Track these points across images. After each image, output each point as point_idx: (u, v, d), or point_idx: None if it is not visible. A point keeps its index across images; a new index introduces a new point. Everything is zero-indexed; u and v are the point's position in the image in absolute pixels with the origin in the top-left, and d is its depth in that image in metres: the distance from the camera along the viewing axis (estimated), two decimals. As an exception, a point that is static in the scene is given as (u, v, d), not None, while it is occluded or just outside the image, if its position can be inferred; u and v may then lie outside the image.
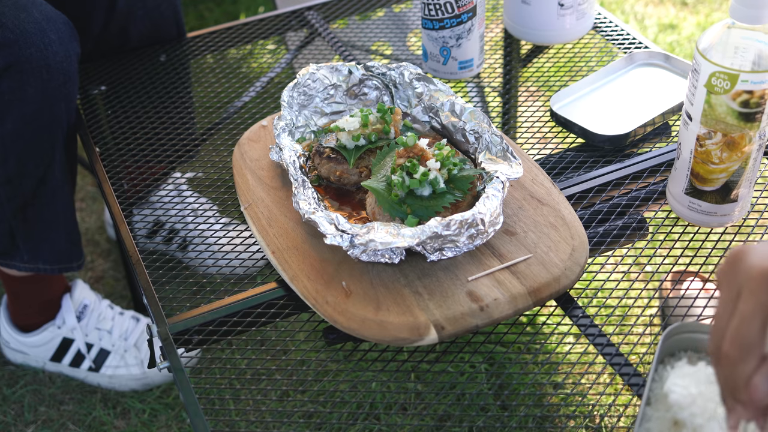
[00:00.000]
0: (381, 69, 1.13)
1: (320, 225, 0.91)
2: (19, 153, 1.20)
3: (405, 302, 0.87)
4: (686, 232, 1.02)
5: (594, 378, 1.20)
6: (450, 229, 0.88)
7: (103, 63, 1.42)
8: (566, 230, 0.95)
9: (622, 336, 0.94)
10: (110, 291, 1.67)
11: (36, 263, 1.32)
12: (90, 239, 1.79)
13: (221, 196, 1.14)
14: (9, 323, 1.49)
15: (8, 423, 1.43)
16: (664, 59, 1.26)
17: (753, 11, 0.85)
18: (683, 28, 2.35)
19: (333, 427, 1.30)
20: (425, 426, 1.08)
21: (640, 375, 0.85)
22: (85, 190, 1.93)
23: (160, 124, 1.28)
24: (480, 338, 0.96)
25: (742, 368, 0.62)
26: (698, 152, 0.94)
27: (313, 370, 1.13)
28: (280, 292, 0.96)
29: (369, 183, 0.96)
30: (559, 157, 1.15)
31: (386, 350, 0.90)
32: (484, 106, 1.39)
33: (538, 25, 1.33)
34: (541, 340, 1.37)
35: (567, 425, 1.01)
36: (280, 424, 1.29)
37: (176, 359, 0.89)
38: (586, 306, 0.94)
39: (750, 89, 0.86)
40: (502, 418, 0.88)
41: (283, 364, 0.92)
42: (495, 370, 1.34)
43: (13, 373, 1.52)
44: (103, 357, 1.47)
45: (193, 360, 1.31)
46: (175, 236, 1.48)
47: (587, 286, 0.99)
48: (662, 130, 1.17)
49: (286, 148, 1.02)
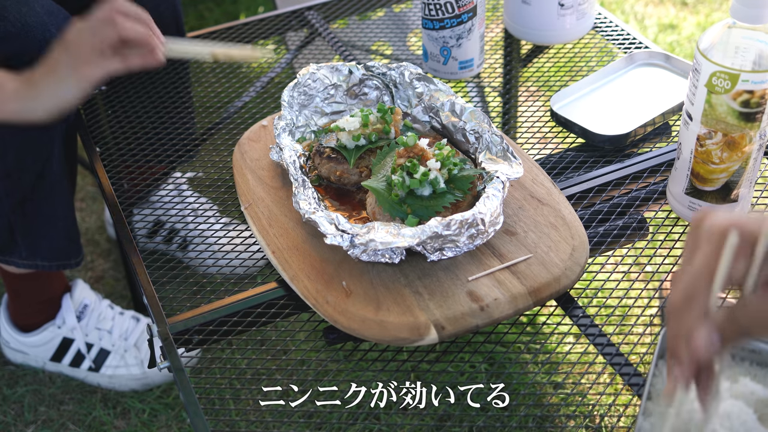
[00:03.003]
0: (381, 69, 1.13)
1: (320, 225, 0.91)
2: (18, 147, 1.20)
3: (405, 302, 0.87)
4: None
5: (594, 378, 1.20)
6: (450, 229, 0.88)
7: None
8: (566, 230, 0.95)
9: (622, 336, 0.94)
10: (110, 291, 1.67)
11: (34, 259, 1.32)
12: (90, 239, 1.79)
13: (221, 196, 1.14)
14: (9, 323, 1.49)
15: (8, 423, 1.43)
16: (664, 59, 1.26)
17: (754, 11, 0.85)
18: (683, 28, 2.35)
19: (333, 427, 1.30)
20: (425, 426, 1.08)
21: (641, 375, 0.85)
22: (85, 190, 1.93)
23: (160, 124, 1.28)
24: (480, 338, 0.96)
25: (685, 320, 0.64)
26: (698, 152, 0.94)
27: (313, 370, 1.13)
28: (280, 292, 0.96)
29: (369, 183, 0.96)
30: (559, 157, 1.15)
31: (386, 350, 0.90)
32: (485, 106, 1.39)
33: (539, 25, 1.33)
34: (541, 340, 1.37)
35: (567, 425, 1.01)
36: (280, 424, 1.29)
37: (176, 359, 0.89)
38: (587, 306, 0.94)
39: (750, 89, 0.86)
40: (502, 418, 0.88)
41: (283, 364, 0.92)
42: (495, 370, 1.34)
43: (13, 373, 1.51)
44: (103, 357, 1.47)
45: (193, 360, 1.31)
46: (175, 236, 1.48)
47: (587, 286, 0.99)
48: (662, 130, 1.17)
49: (286, 148, 1.02)
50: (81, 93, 1.05)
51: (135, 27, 1.04)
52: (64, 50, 1.04)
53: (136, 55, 1.05)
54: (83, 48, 1.03)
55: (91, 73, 1.03)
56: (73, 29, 1.04)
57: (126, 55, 1.05)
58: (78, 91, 1.05)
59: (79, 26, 1.04)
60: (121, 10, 1.04)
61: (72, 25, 1.05)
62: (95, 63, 1.03)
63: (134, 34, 1.03)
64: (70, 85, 1.04)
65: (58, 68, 1.04)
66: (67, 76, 1.03)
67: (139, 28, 1.04)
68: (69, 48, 1.04)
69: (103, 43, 1.02)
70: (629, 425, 0.86)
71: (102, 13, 1.04)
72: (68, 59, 1.03)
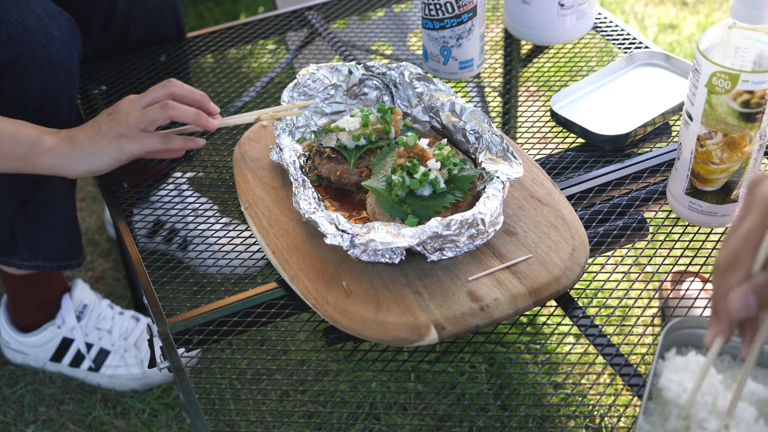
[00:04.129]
0: (381, 69, 1.13)
1: (320, 225, 0.91)
2: None
3: (405, 302, 0.87)
4: (686, 232, 1.02)
5: (594, 378, 1.20)
6: (450, 229, 0.88)
7: (103, 63, 1.42)
8: (566, 230, 0.95)
9: (623, 336, 0.94)
10: (110, 291, 1.67)
11: (36, 261, 1.32)
12: (90, 239, 1.79)
13: (221, 196, 1.14)
14: (9, 323, 1.49)
15: (8, 423, 1.43)
16: (664, 59, 1.26)
17: (754, 11, 0.85)
18: (683, 28, 2.35)
19: (333, 427, 1.30)
20: (425, 426, 1.08)
21: (641, 375, 0.85)
22: (85, 190, 1.93)
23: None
24: (480, 338, 0.96)
25: (727, 280, 0.67)
26: (699, 152, 0.94)
27: (313, 370, 1.13)
28: (281, 292, 0.96)
29: (369, 183, 0.96)
30: (559, 157, 1.15)
31: (386, 350, 0.90)
32: (485, 106, 1.39)
33: (539, 25, 1.33)
34: (542, 341, 1.37)
35: (567, 425, 1.01)
36: (280, 424, 1.29)
37: (176, 359, 0.89)
38: (587, 306, 0.94)
39: (751, 89, 0.86)
40: (502, 418, 0.88)
41: (283, 364, 0.92)
42: (495, 370, 1.34)
43: (13, 373, 1.51)
44: (102, 357, 1.47)
45: (193, 360, 1.31)
46: (175, 236, 1.48)
47: (587, 287, 0.99)
48: (662, 130, 1.17)
49: (286, 148, 1.02)
50: (117, 163, 1.08)
51: (186, 112, 1.06)
52: (111, 120, 1.06)
53: (180, 139, 1.08)
54: (129, 123, 1.05)
55: (130, 147, 1.06)
56: (126, 101, 1.07)
57: (169, 137, 1.07)
58: (114, 161, 1.07)
59: (132, 100, 1.06)
60: (177, 94, 1.07)
61: (127, 98, 1.07)
62: (136, 139, 1.05)
63: (184, 118, 1.06)
64: (107, 154, 1.06)
65: (99, 135, 1.06)
66: (106, 145, 1.06)
67: (191, 112, 1.06)
68: (115, 119, 1.06)
69: (151, 125, 1.05)
70: (629, 425, 0.87)
71: (157, 94, 1.06)
72: (112, 130, 1.05)
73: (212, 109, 1.10)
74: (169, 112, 1.05)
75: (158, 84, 1.08)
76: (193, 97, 1.08)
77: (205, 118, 1.07)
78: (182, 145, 1.08)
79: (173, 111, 1.05)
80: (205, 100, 1.09)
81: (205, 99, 1.10)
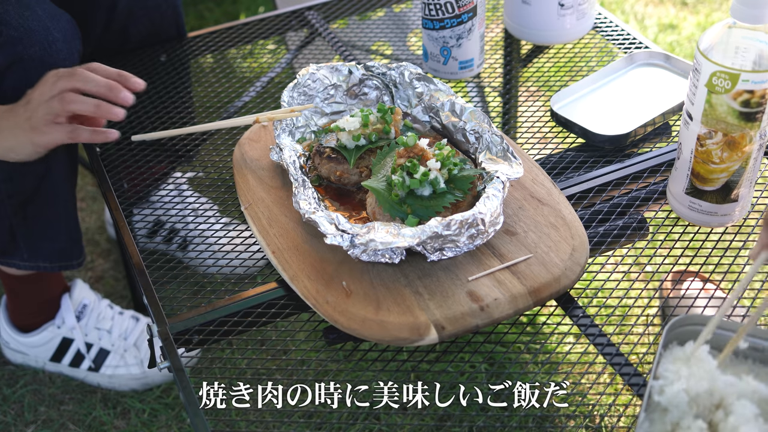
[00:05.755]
0: (381, 69, 1.13)
1: (320, 225, 0.91)
2: None
3: (405, 302, 0.87)
4: (686, 232, 1.02)
5: (594, 378, 1.20)
6: (450, 229, 0.88)
7: (103, 63, 1.41)
8: (566, 230, 0.95)
9: (623, 336, 0.94)
10: (110, 291, 1.67)
11: (36, 261, 1.32)
12: (90, 239, 1.79)
13: (221, 196, 1.14)
14: (8, 323, 1.49)
15: (8, 423, 1.43)
16: (664, 59, 1.26)
17: (754, 11, 0.85)
18: (683, 28, 2.35)
19: (333, 427, 1.30)
20: (425, 426, 1.08)
21: (641, 375, 0.85)
22: (85, 190, 1.93)
23: (160, 124, 1.28)
24: (480, 338, 0.96)
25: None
26: (699, 152, 0.94)
27: (313, 370, 1.13)
28: (280, 292, 0.96)
29: (369, 183, 0.96)
30: (559, 157, 1.15)
31: (386, 350, 0.90)
32: (485, 106, 1.39)
33: (539, 25, 1.33)
34: (542, 340, 1.37)
35: (567, 425, 1.01)
36: (280, 424, 1.29)
37: (176, 359, 0.89)
38: (587, 306, 0.94)
39: (751, 89, 0.86)
40: (503, 418, 0.88)
41: (283, 364, 0.92)
42: (495, 370, 1.34)
43: (13, 373, 1.51)
44: (102, 357, 1.47)
45: (193, 360, 1.31)
46: (175, 236, 1.48)
47: (587, 286, 0.99)
48: (662, 130, 1.17)
49: (286, 148, 1.02)
50: (36, 155, 1.09)
51: (86, 105, 1.05)
52: (26, 111, 1.07)
53: (87, 132, 1.07)
54: (38, 116, 1.06)
55: (39, 139, 1.07)
56: (43, 84, 1.07)
57: (77, 131, 1.07)
58: (33, 154, 1.09)
59: (48, 82, 1.06)
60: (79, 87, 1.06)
61: (46, 78, 1.07)
62: (45, 133, 1.06)
63: (84, 111, 1.06)
64: (25, 147, 1.08)
65: (16, 127, 1.07)
66: (22, 137, 1.07)
67: (90, 104, 1.05)
68: (28, 110, 1.07)
69: (56, 119, 1.05)
70: (629, 425, 0.87)
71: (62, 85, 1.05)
72: (27, 122, 1.06)
73: (133, 85, 1.08)
74: (67, 107, 1.05)
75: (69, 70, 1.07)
76: (106, 83, 1.07)
77: (106, 108, 1.06)
78: (90, 138, 1.08)
79: (72, 105, 1.05)
80: (123, 78, 1.08)
81: (124, 77, 1.08)
